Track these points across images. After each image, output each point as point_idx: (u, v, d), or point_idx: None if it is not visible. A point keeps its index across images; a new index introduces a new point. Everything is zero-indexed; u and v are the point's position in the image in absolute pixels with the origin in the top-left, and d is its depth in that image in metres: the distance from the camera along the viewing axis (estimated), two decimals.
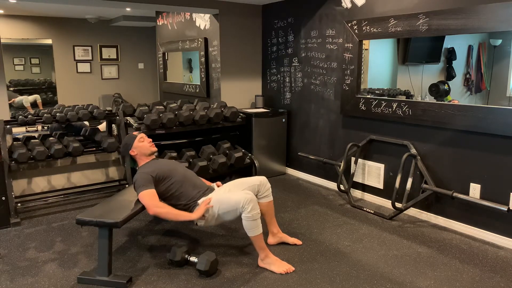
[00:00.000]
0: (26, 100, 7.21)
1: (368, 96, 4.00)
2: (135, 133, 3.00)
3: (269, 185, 3.04)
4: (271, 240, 3.08)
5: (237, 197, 2.68)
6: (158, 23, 6.64)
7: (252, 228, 2.65)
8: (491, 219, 3.15)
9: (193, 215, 2.73)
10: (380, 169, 3.91)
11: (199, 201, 2.86)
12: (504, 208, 2.93)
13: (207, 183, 3.14)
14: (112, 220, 2.50)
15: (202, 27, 5.32)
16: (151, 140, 3.00)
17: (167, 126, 4.10)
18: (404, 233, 3.30)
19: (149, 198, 2.69)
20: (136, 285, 2.56)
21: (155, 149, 3.00)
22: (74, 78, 7.80)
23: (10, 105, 6.86)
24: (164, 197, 2.88)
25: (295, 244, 3.09)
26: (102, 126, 5.00)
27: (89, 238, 3.25)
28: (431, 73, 4.88)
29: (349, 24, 3.94)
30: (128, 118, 4.21)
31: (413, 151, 3.56)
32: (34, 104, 7.34)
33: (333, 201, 4.07)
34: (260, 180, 3.01)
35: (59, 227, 3.46)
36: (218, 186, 3.10)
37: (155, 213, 2.68)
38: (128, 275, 2.61)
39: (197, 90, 5.57)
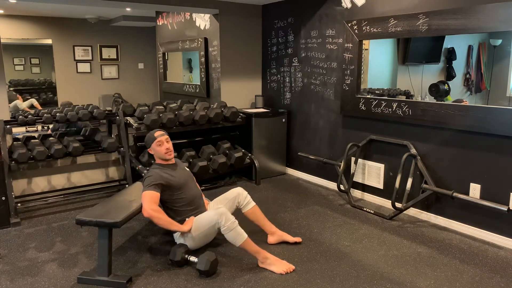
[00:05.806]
0: (21, 106, 7.05)
1: (368, 96, 4.00)
2: (156, 134, 2.94)
3: (245, 193, 3.08)
4: (271, 239, 3.08)
5: (208, 218, 2.74)
6: (158, 23, 6.64)
7: (235, 237, 2.66)
8: (491, 219, 3.15)
9: (184, 227, 2.80)
10: (380, 169, 3.91)
11: (187, 218, 2.90)
12: (504, 208, 2.93)
13: (205, 201, 3.16)
14: (112, 220, 2.51)
15: (202, 27, 5.32)
16: (169, 147, 2.93)
17: (167, 126, 4.10)
18: (404, 233, 3.30)
19: (149, 200, 2.70)
20: (136, 285, 2.56)
21: (170, 157, 2.95)
22: (74, 78, 7.80)
23: None
24: (165, 205, 2.91)
25: (296, 242, 3.09)
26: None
27: (89, 238, 3.25)
28: (431, 73, 4.88)
29: (349, 24, 3.94)
30: (128, 118, 4.21)
31: (413, 151, 3.56)
32: (31, 108, 7.26)
33: (333, 201, 4.07)
34: (237, 192, 3.06)
35: (59, 227, 3.46)
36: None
37: (148, 215, 2.69)
38: (128, 275, 2.60)
39: (197, 90, 5.57)
